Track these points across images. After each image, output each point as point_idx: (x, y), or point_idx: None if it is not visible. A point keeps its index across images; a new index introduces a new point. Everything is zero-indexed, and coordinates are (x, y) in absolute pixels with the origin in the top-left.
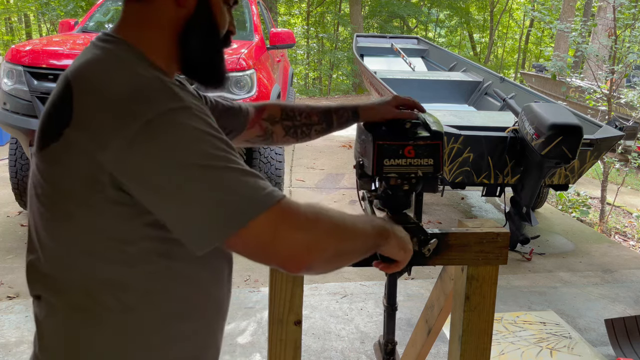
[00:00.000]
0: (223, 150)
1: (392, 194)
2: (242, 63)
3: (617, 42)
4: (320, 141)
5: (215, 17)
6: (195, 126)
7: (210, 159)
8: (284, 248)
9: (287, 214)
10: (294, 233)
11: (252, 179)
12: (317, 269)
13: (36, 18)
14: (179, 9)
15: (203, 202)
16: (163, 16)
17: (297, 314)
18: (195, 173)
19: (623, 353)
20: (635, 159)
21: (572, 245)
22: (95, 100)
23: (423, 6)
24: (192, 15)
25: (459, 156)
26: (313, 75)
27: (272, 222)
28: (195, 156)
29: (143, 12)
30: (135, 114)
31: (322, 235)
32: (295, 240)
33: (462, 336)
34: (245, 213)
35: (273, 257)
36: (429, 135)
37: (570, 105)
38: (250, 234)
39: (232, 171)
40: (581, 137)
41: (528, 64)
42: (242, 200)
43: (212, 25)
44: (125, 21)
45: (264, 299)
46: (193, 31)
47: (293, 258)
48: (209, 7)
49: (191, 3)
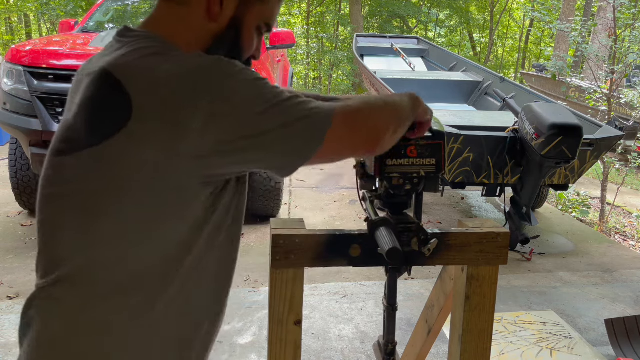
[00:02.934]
0: (275, 88)
1: (393, 194)
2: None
3: (617, 42)
4: None
5: (243, 40)
6: (247, 76)
7: (273, 98)
8: (356, 139)
9: (347, 116)
10: (358, 125)
11: (311, 104)
12: (385, 145)
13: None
14: (210, 23)
15: (288, 139)
16: (196, 23)
17: (297, 313)
18: (271, 118)
19: (623, 353)
20: (635, 159)
21: (572, 245)
22: (154, 87)
23: (423, 6)
24: (221, 33)
25: (459, 156)
26: (313, 75)
27: (340, 128)
28: (263, 102)
29: (176, 15)
30: (203, 92)
31: (380, 117)
32: (362, 129)
33: (462, 336)
34: (323, 126)
35: (347, 151)
36: (431, 135)
37: (570, 105)
38: (332, 139)
39: (292, 100)
40: (581, 137)
41: (528, 64)
42: (314, 123)
43: (237, 48)
44: (157, 19)
45: (264, 299)
46: (218, 48)
47: (365, 143)
48: (240, 30)
49: (223, 21)
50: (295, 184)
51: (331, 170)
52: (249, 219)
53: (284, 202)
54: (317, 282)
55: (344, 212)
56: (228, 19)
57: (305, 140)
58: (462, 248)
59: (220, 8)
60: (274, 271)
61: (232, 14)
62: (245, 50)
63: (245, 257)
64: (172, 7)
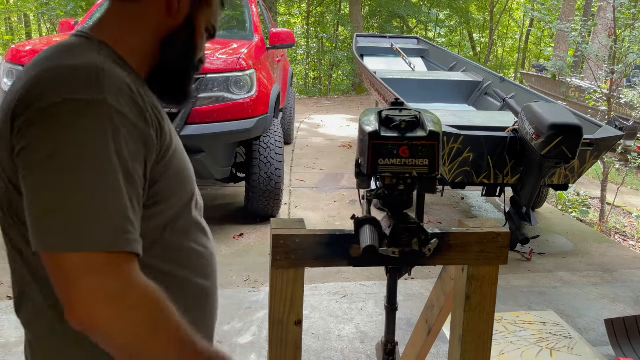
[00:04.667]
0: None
1: (388, 194)
2: (242, 63)
3: (617, 42)
4: (321, 141)
5: (197, 37)
6: (98, 125)
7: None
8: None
9: (118, 271)
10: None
11: (118, 214)
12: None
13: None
14: (168, 19)
15: (54, 204)
16: (151, 19)
17: (297, 314)
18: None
19: (623, 353)
20: (635, 159)
21: (572, 245)
22: (25, 79)
23: (423, 6)
24: (178, 28)
25: (459, 156)
26: (313, 75)
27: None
28: (72, 159)
29: (130, 11)
30: (37, 98)
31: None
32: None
33: (463, 336)
34: (70, 239)
35: (65, 298)
36: (425, 136)
37: (570, 105)
38: (56, 261)
39: (102, 191)
40: (581, 137)
41: (528, 64)
42: (78, 225)
43: (192, 44)
44: (106, 19)
45: (264, 299)
46: (175, 42)
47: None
48: (194, 27)
49: (181, 17)
50: (295, 184)
51: (331, 170)
52: (249, 219)
53: (284, 202)
54: (317, 282)
55: (344, 212)
56: (184, 17)
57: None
58: (462, 248)
59: (178, 5)
60: (274, 271)
61: (187, 12)
62: (198, 48)
63: (245, 257)
64: (124, 7)
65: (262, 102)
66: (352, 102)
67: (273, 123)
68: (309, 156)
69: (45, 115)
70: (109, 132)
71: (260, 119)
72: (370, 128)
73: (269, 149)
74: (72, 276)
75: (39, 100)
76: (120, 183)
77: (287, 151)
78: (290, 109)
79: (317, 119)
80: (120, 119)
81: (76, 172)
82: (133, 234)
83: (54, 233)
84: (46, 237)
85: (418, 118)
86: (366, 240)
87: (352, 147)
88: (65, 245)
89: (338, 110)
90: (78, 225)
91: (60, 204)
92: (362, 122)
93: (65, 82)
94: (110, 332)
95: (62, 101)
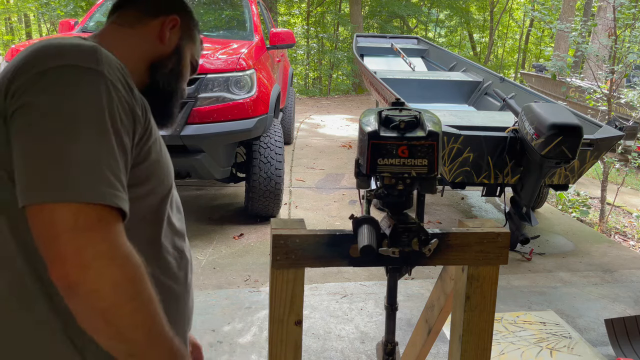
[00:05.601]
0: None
1: (387, 194)
2: (242, 63)
3: (617, 42)
4: (321, 141)
5: (183, 66)
6: (93, 91)
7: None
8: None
9: (107, 228)
10: (86, 247)
11: (112, 173)
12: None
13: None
14: (160, 45)
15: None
16: (144, 44)
17: (297, 314)
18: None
19: (623, 353)
20: (635, 159)
21: (572, 245)
22: (19, 56)
23: (423, 6)
24: (167, 55)
25: (459, 156)
26: (313, 75)
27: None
28: (69, 114)
29: (126, 34)
30: (39, 62)
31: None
32: (81, 253)
33: (463, 336)
34: (63, 190)
35: (51, 253)
36: (424, 136)
37: (570, 105)
38: (46, 214)
39: (91, 147)
40: (581, 137)
41: (528, 64)
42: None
43: (179, 70)
44: (102, 38)
45: (264, 299)
46: (164, 66)
47: (65, 270)
48: (182, 55)
49: (171, 45)
50: (295, 184)
51: (331, 170)
52: (249, 219)
53: (284, 202)
54: (317, 282)
55: (344, 212)
56: (174, 45)
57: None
58: (462, 248)
59: (169, 34)
60: (275, 271)
61: (177, 42)
62: (183, 76)
63: (245, 257)
64: (119, 29)
65: (262, 102)
66: (352, 102)
67: (273, 123)
68: (309, 156)
69: (44, 76)
70: (105, 99)
71: (260, 119)
72: (369, 128)
73: (269, 149)
74: (62, 229)
75: (37, 66)
76: (114, 145)
77: (287, 151)
78: (290, 109)
79: (317, 119)
80: (115, 90)
81: (73, 127)
82: (124, 195)
83: (49, 183)
84: (40, 187)
85: (418, 118)
86: (364, 240)
87: (352, 147)
88: (60, 195)
89: (338, 110)
90: (73, 177)
91: (57, 155)
92: (362, 122)
93: (66, 52)
94: (94, 291)
95: (62, 65)
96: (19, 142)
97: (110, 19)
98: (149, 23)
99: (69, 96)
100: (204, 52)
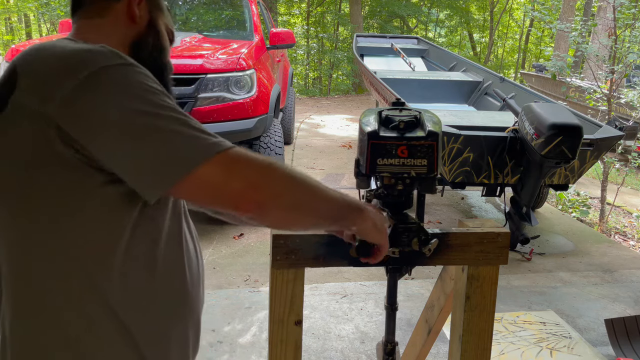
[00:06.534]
0: (169, 103)
1: (387, 194)
2: (242, 63)
3: (617, 42)
4: (321, 141)
5: (162, 38)
6: (141, 80)
7: (155, 107)
8: (234, 187)
9: (237, 159)
10: (244, 172)
11: (199, 130)
12: (272, 213)
13: (36, 18)
14: (133, 25)
15: (153, 146)
16: (118, 29)
17: (297, 314)
18: (142, 118)
19: (623, 353)
20: (635, 159)
21: (572, 245)
22: (39, 64)
23: (423, 6)
24: (144, 32)
25: (459, 156)
26: (313, 75)
27: (221, 167)
28: (141, 103)
29: (98, 24)
30: (80, 67)
31: (275, 178)
32: (246, 179)
33: (463, 336)
34: (192, 159)
35: (222, 198)
36: (424, 136)
37: (570, 105)
38: (196, 180)
39: (179, 121)
40: (581, 137)
41: (528, 64)
42: (188, 147)
43: (160, 44)
44: (77, 34)
45: (264, 299)
46: (145, 43)
47: (243, 196)
48: (157, 27)
49: (144, 21)
50: None
51: (331, 170)
52: None
53: None
54: (317, 282)
55: None
56: (146, 21)
57: (173, 157)
58: (462, 248)
59: (138, 12)
60: (275, 271)
61: (148, 16)
62: (165, 49)
63: (245, 257)
64: (90, 22)
65: (262, 102)
66: (352, 102)
67: (273, 123)
68: (309, 156)
69: (96, 79)
70: (151, 81)
71: (260, 119)
72: (369, 128)
73: (269, 149)
74: (223, 178)
75: (78, 71)
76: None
77: (287, 151)
78: (290, 109)
79: (317, 119)
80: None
81: (163, 110)
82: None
83: (183, 155)
84: (179, 163)
85: (418, 118)
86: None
87: (352, 147)
88: (199, 159)
89: (338, 110)
90: (197, 140)
91: (168, 135)
92: (362, 122)
93: (92, 56)
94: (277, 196)
95: (105, 67)
96: (119, 145)
97: (75, 18)
98: (115, 7)
99: (135, 89)
100: (204, 52)
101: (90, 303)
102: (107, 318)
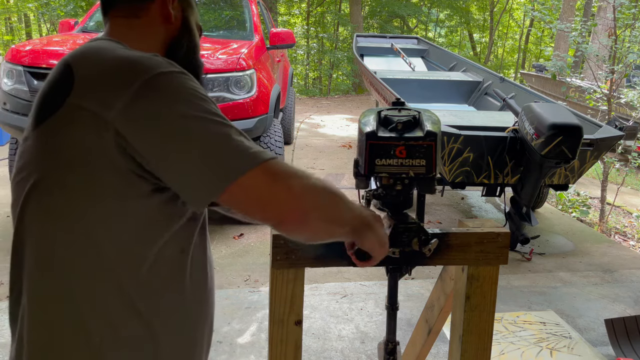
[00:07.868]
0: (217, 110)
1: (386, 194)
2: (242, 63)
3: (617, 42)
4: (321, 141)
5: (195, 37)
6: (193, 86)
7: (208, 114)
8: (280, 197)
9: (280, 169)
10: (288, 182)
11: (245, 139)
12: (313, 224)
13: (36, 18)
14: (169, 25)
15: (202, 153)
16: (156, 30)
17: (297, 314)
18: (195, 124)
19: (623, 353)
20: (635, 159)
21: (572, 245)
22: (96, 68)
23: (423, 6)
24: (178, 32)
25: (459, 156)
26: (313, 75)
27: (267, 176)
28: (195, 109)
29: (135, 24)
30: (136, 74)
31: (316, 190)
32: (290, 189)
33: (463, 336)
34: (240, 167)
35: (269, 206)
36: (422, 136)
37: (570, 105)
38: (244, 187)
39: (228, 128)
40: (581, 137)
41: (528, 64)
42: (237, 154)
43: (194, 43)
44: (113, 33)
45: (264, 299)
46: (180, 44)
47: (289, 205)
48: (190, 27)
49: (177, 22)
50: None
51: (331, 170)
52: None
53: None
54: (317, 282)
55: None
56: (180, 21)
57: (223, 163)
58: (462, 248)
59: (172, 12)
60: (275, 271)
61: (181, 15)
62: (198, 46)
63: (245, 257)
64: (126, 22)
65: (262, 102)
66: (352, 102)
67: (273, 123)
68: (309, 156)
69: (155, 86)
70: (201, 88)
71: (260, 119)
72: (368, 128)
73: (268, 149)
74: (269, 187)
75: (138, 77)
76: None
77: (287, 151)
78: (290, 109)
79: (317, 119)
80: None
81: (213, 117)
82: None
83: (233, 161)
84: (228, 169)
85: (417, 118)
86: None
87: (352, 147)
88: (250, 164)
89: (338, 110)
90: (244, 148)
91: (221, 142)
92: (361, 122)
93: (149, 63)
94: (316, 208)
95: (160, 73)
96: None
97: (108, 16)
98: (151, 7)
99: (190, 97)
100: (204, 52)
101: (115, 309)
102: (131, 323)
